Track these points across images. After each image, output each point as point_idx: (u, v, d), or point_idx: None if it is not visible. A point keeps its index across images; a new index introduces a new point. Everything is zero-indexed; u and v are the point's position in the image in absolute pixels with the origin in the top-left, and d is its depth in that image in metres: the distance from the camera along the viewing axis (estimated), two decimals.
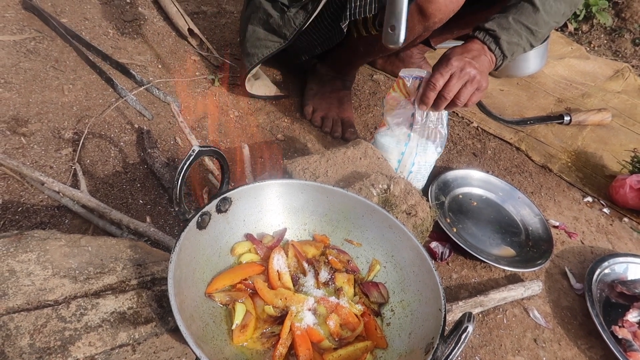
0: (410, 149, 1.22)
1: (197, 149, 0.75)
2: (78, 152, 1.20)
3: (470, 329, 0.63)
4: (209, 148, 0.77)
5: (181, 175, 0.73)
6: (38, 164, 1.16)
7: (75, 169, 1.15)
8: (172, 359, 0.73)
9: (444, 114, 1.21)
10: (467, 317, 0.65)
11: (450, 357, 0.63)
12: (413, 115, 1.19)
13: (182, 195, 0.75)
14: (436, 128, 1.21)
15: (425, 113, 1.19)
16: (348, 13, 1.24)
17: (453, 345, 0.63)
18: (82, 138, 1.23)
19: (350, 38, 1.38)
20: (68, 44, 1.51)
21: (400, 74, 1.19)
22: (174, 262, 0.70)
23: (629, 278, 1.29)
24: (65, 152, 1.21)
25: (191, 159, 0.74)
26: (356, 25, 1.35)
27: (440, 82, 1.07)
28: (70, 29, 1.54)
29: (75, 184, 1.13)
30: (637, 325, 1.17)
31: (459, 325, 0.66)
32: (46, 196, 1.09)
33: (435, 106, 1.12)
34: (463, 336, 0.63)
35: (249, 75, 1.46)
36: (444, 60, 1.08)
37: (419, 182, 1.30)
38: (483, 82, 1.08)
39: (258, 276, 0.84)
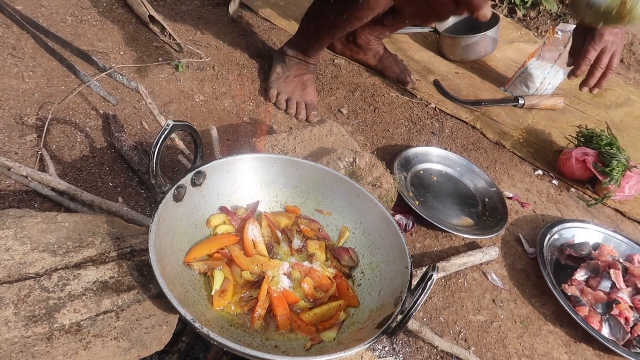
0: (551, 74, 1.89)
1: (171, 123, 0.77)
2: (43, 138, 1.19)
3: (434, 276, 0.69)
4: (182, 123, 0.80)
5: (157, 148, 0.75)
6: (2, 150, 1.15)
7: (41, 154, 1.15)
8: (153, 326, 0.76)
9: None
10: (432, 267, 0.70)
11: (417, 303, 0.68)
12: (559, 55, 1.82)
13: (159, 168, 0.77)
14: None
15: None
16: None
17: (419, 293, 0.69)
18: (46, 124, 1.22)
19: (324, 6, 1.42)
20: (25, 31, 1.48)
21: (557, 27, 1.78)
22: (153, 232, 0.73)
23: (576, 242, 1.40)
24: (29, 138, 1.20)
25: (166, 132, 0.76)
26: None
27: (592, 56, 1.27)
28: (27, 15, 1.51)
29: (42, 169, 1.13)
30: (584, 283, 1.28)
31: (424, 276, 0.72)
32: (13, 181, 1.09)
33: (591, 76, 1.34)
34: (429, 283, 0.69)
35: None
36: (597, 35, 1.25)
37: (549, 92, 1.98)
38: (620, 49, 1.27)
39: (234, 246, 0.87)
